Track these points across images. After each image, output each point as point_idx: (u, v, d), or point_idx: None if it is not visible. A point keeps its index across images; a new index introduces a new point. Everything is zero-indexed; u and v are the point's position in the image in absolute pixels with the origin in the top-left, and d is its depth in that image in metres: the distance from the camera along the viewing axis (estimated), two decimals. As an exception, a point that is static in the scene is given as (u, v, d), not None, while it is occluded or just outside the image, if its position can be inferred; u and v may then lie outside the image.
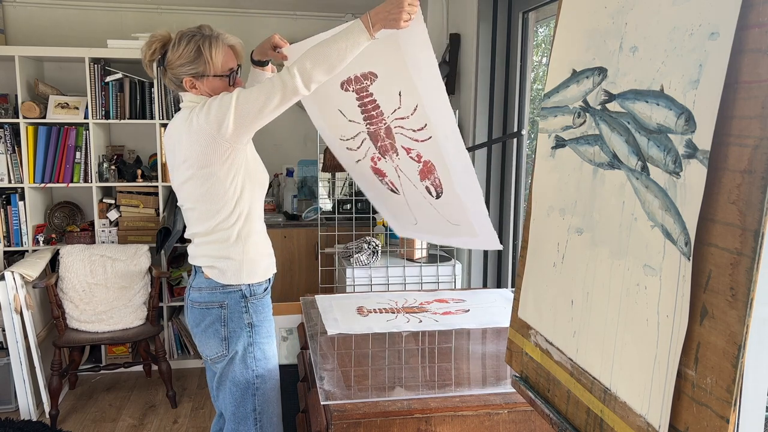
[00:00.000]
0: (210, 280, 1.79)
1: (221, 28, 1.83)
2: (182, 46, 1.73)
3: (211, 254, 1.79)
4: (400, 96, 1.69)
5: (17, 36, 3.74)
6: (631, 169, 0.87)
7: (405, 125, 1.73)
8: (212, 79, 1.75)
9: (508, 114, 2.99)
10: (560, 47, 1.11)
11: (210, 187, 1.71)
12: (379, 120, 1.74)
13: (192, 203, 1.78)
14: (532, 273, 1.18)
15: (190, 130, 1.68)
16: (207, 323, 1.80)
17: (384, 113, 1.74)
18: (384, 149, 1.74)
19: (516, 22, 2.88)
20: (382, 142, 1.75)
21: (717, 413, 0.70)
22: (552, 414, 1.06)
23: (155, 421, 3.14)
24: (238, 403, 1.81)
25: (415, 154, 1.76)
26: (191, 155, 1.69)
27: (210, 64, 1.73)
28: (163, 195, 3.66)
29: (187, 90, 1.78)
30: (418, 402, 1.47)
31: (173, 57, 1.74)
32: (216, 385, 1.87)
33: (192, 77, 1.75)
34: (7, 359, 3.10)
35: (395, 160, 1.78)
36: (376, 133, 1.75)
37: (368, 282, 2.94)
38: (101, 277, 3.34)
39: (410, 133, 1.72)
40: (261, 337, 1.82)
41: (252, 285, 1.80)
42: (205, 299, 1.80)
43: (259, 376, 1.81)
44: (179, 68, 1.75)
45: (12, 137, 3.46)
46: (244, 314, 1.79)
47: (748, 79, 0.68)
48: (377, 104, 1.73)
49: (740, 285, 0.68)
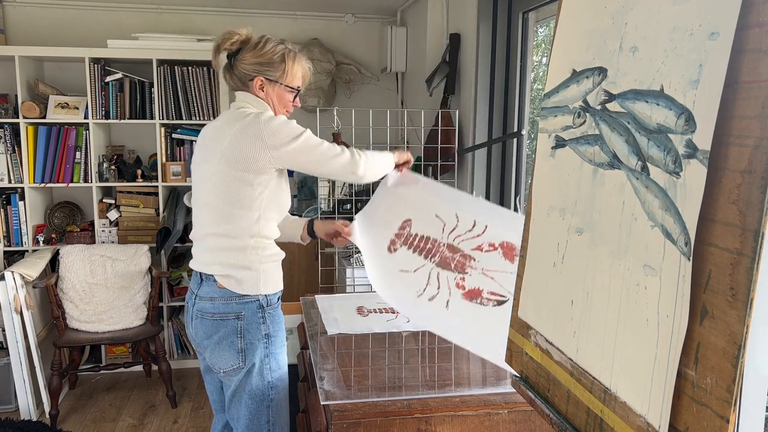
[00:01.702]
0: (224, 290, 1.72)
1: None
2: (268, 48, 1.77)
3: (228, 262, 1.72)
4: (437, 217, 1.83)
5: (17, 36, 3.75)
6: (631, 169, 0.87)
7: (460, 232, 1.80)
8: (282, 88, 1.80)
9: (508, 114, 2.99)
10: (560, 47, 1.11)
11: (239, 190, 1.69)
12: (437, 247, 1.76)
13: (213, 199, 1.73)
14: (532, 273, 1.18)
15: (244, 133, 1.68)
16: (221, 335, 1.73)
17: (438, 239, 1.78)
18: (460, 266, 1.73)
19: (516, 22, 2.88)
20: (454, 261, 1.74)
21: (717, 413, 0.70)
22: (552, 414, 1.06)
23: (155, 421, 3.14)
24: (253, 416, 1.76)
25: (487, 245, 1.77)
26: (233, 154, 1.68)
27: (287, 74, 1.80)
28: (163, 195, 3.66)
29: (250, 90, 1.79)
30: (418, 402, 1.47)
31: (253, 55, 1.77)
32: (230, 397, 1.80)
33: (265, 79, 1.78)
34: (7, 359, 3.10)
35: (476, 266, 1.73)
36: (444, 260, 1.74)
37: (368, 282, 2.93)
38: (101, 277, 3.34)
39: (468, 235, 1.78)
40: (276, 347, 1.78)
41: (269, 295, 1.76)
42: (219, 310, 1.73)
43: (274, 387, 1.78)
44: (256, 66, 1.77)
45: (12, 137, 3.46)
46: (261, 325, 1.75)
47: (748, 79, 0.68)
48: (427, 237, 1.78)
49: (740, 285, 0.68)
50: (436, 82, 3.20)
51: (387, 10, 4.06)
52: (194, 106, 3.62)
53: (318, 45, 3.99)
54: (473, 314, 1.58)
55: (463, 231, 1.78)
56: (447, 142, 3.10)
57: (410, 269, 1.63)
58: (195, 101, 3.61)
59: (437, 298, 1.57)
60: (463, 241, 1.76)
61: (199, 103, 3.62)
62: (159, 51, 3.52)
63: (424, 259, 1.68)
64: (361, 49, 4.19)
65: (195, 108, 3.62)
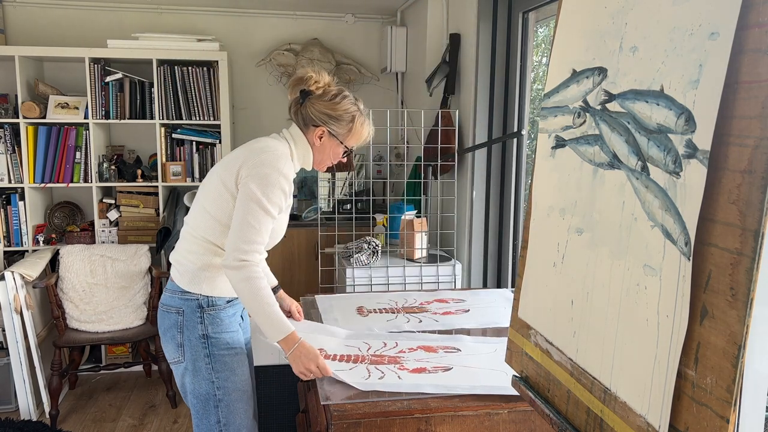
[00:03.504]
0: (172, 283, 1.77)
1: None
2: (342, 105, 1.78)
3: (184, 255, 1.76)
4: (347, 346, 1.84)
5: (17, 36, 3.74)
6: (631, 169, 0.87)
7: (377, 348, 1.82)
8: (339, 145, 1.81)
9: (508, 114, 3.00)
10: (560, 47, 1.11)
11: (220, 197, 1.71)
12: (362, 358, 1.75)
13: (203, 200, 1.76)
14: (532, 273, 1.18)
15: (246, 156, 1.69)
16: (166, 326, 1.77)
17: (360, 354, 1.77)
18: (393, 360, 1.72)
19: (516, 22, 2.89)
20: (385, 359, 1.73)
21: (717, 413, 0.70)
22: (552, 414, 1.06)
23: (155, 421, 3.14)
24: (201, 415, 1.76)
25: (407, 349, 1.80)
26: (227, 168, 1.71)
27: (350, 135, 1.81)
28: (163, 195, 3.66)
29: (307, 133, 1.80)
30: (418, 402, 1.47)
31: (327, 106, 1.77)
32: (182, 390, 1.83)
33: (328, 131, 1.78)
34: (7, 359, 3.10)
35: (408, 358, 1.75)
36: (375, 361, 1.72)
37: (368, 282, 2.94)
38: (101, 277, 3.34)
39: (385, 350, 1.82)
40: (219, 349, 1.74)
41: (211, 297, 1.75)
42: (166, 301, 1.78)
43: (221, 388, 1.74)
44: (325, 117, 1.77)
45: (12, 137, 3.46)
46: (198, 325, 1.73)
47: (748, 79, 0.68)
48: (348, 354, 1.77)
49: (740, 285, 0.68)
50: (436, 82, 3.21)
51: (387, 10, 4.06)
52: (194, 106, 3.62)
53: (318, 45, 3.99)
54: (427, 379, 1.60)
55: (379, 347, 1.82)
56: (447, 142, 3.10)
57: (345, 369, 1.65)
58: (195, 101, 3.61)
59: (386, 378, 1.59)
60: (384, 351, 1.79)
61: (199, 103, 3.62)
62: (159, 51, 3.52)
63: (354, 363, 1.70)
64: (361, 49, 4.19)
65: (195, 108, 3.62)
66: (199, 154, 3.71)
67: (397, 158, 3.98)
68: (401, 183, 3.93)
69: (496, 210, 3.09)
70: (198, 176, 3.71)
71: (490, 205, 3.08)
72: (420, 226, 3.05)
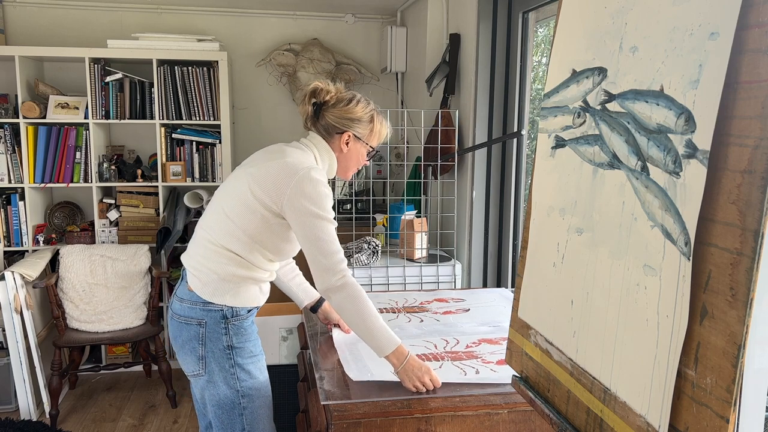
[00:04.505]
0: (192, 293, 1.71)
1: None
2: (360, 107, 1.79)
3: (205, 263, 1.70)
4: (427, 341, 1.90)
5: (17, 36, 3.75)
6: (631, 169, 0.87)
7: (444, 347, 1.86)
8: (363, 146, 1.82)
9: (508, 114, 3.00)
10: (560, 47, 1.11)
11: (247, 215, 1.67)
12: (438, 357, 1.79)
13: (228, 210, 1.70)
14: (532, 273, 1.18)
15: (283, 177, 1.64)
16: (184, 339, 1.72)
17: (436, 352, 1.81)
18: (468, 355, 1.77)
19: (516, 22, 2.89)
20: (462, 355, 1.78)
21: (717, 413, 0.70)
22: (552, 414, 1.06)
23: (155, 421, 3.14)
24: (225, 424, 1.74)
25: (471, 344, 1.86)
26: (262, 186, 1.65)
27: (372, 135, 1.83)
28: (163, 195, 3.66)
29: (332, 141, 1.79)
30: (418, 402, 1.47)
31: (346, 111, 1.77)
32: (201, 402, 1.81)
33: (353, 135, 1.79)
34: (7, 359, 3.10)
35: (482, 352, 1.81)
36: (454, 358, 1.77)
37: (368, 282, 2.93)
38: (101, 277, 3.34)
39: (450, 346, 1.86)
40: (243, 358, 1.73)
41: (235, 308, 1.71)
42: (185, 313, 1.72)
43: (246, 396, 1.73)
44: (347, 122, 1.78)
45: (12, 137, 3.46)
46: (223, 336, 1.70)
47: (748, 79, 0.68)
48: (424, 354, 1.80)
49: (740, 285, 0.68)
50: (436, 82, 3.20)
51: (387, 10, 4.06)
52: (194, 106, 3.62)
53: (318, 45, 3.99)
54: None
55: (444, 345, 1.85)
56: (447, 142, 3.10)
57: (435, 368, 1.66)
58: (195, 101, 3.61)
59: (482, 373, 1.63)
60: (454, 348, 1.83)
61: (199, 103, 3.62)
62: (159, 51, 3.52)
63: (437, 362, 1.72)
64: (361, 49, 4.19)
65: (195, 108, 3.62)
66: (199, 154, 3.71)
67: (397, 158, 3.98)
68: (401, 183, 3.93)
69: (496, 210, 3.09)
70: (198, 176, 3.71)
71: (490, 205, 3.08)
72: (420, 226, 3.05)
